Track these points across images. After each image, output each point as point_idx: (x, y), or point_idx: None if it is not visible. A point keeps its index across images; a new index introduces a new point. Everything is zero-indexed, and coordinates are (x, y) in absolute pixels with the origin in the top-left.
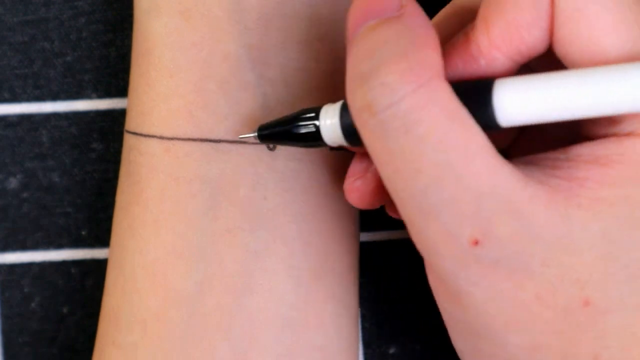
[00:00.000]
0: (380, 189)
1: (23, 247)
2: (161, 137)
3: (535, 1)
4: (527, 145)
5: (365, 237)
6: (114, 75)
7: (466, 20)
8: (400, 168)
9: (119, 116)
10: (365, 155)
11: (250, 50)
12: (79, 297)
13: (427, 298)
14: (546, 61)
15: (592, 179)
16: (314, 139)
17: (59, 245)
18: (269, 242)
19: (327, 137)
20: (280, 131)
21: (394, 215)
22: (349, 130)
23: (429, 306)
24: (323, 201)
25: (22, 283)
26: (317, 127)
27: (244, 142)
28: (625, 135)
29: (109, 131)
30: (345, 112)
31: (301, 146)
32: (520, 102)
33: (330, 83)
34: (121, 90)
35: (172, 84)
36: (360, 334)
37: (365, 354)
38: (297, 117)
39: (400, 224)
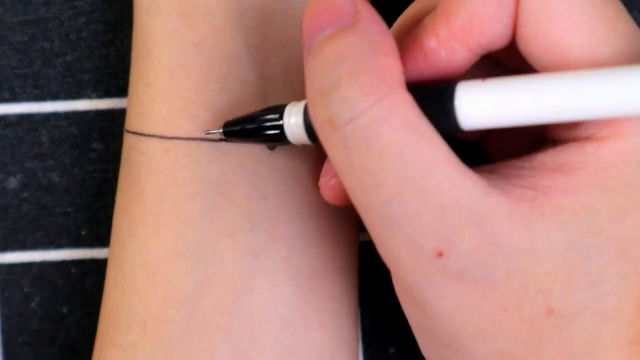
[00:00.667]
0: None
1: (23, 247)
2: (161, 137)
3: None
4: (496, 141)
5: (365, 237)
6: (114, 75)
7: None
8: (363, 182)
9: (119, 116)
10: None
11: (250, 50)
12: (79, 297)
13: None
14: (510, 51)
15: (556, 188)
16: (278, 137)
17: (59, 245)
18: (269, 242)
19: (291, 135)
20: (245, 129)
21: None
22: (313, 130)
23: None
24: (323, 201)
25: (22, 283)
26: (281, 127)
27: (245, 142)
28: (585, 139)
29: (109, 131)
30: (308, 112)
31: (266, 143)
32: (481, 107)
33: None
34: (121, 90)
35: (172, 84)
36: (360, 334)
37: (365, 354)
38: (262, 115)
39: None
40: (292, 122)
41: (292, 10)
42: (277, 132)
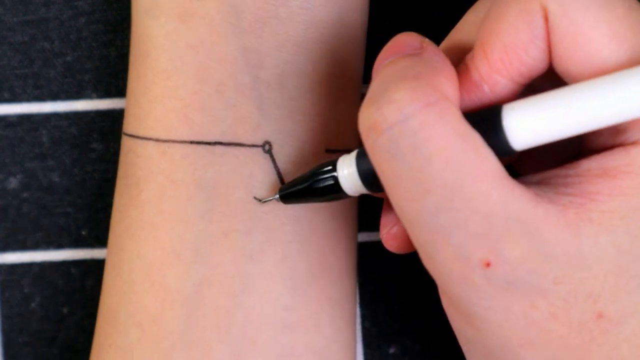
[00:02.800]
0: None
1: (23, 247)
2: (157, 140)
3: (529, 22)
4: (532, 162)
5: (365, 237)
6: (114, 75)
7: (463, 54)
8: (409, 189)
9: (119, 116)
10: None
11: (246, 53)
12: (79, 297)
13: (426, 298)
14: (549, 80)
15: (602, 192)
16: (335, 191)
17: (59, 245)
18: (265, 244)
19: (346, 187)
20: (300, 189)
21: None
22: (368, 177)
23: (428, 306)
24: (319, 203)
25: (22, 283)
26: (336, 179)
27: (240, 145)
28: (631, 144)
29: (109, 131)
30: (361, 159)
31: (325, 201)
32: (531, 124)
33: (326, 86)
34: (121, 90)
35: (169, 86)
36: (360, 334)
37: (365, 354)
38: (315, 173)
39: None
40: (346, 173)
41: (289, 14)
42: (332, 186)
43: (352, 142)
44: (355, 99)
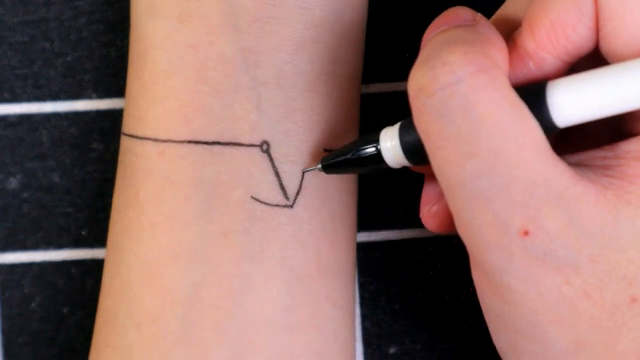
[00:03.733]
0: None
1: (23, 247)
2: (155, 140)
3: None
4: (567, 145)
5: (365, 237)
6: (114, 75)
7: (510, 30)
8: (454, 152)
9: (119, 116)
10: (434, 178)
11: (244, 52)
12: (79, 297)
13: (426, 298)
14: (591, 62)
15: None
16: (376, 162)
17: (59, 245)
18: (264, 244)
19: (389, 159)
20: (343, 160)
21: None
22: (410, 149)
23: (429, 306)
24: (318, 202)
25: (22, 283)
26: (379, 151)
27: (238, 145)
28: None
29: (109, 131)
30: (404, 132)
31: (366, 172)
32: (575, 101)
33: (325, 85)
34: (121, 90)
35: (167, 86)
36: (360, 334)
37: (365, 354)
38: (357, 144)
39: (400, 224)
40: (389, 145)
41: (287, 14)
42: (374, 157)
43: (351, 141)
44: (354, 99)
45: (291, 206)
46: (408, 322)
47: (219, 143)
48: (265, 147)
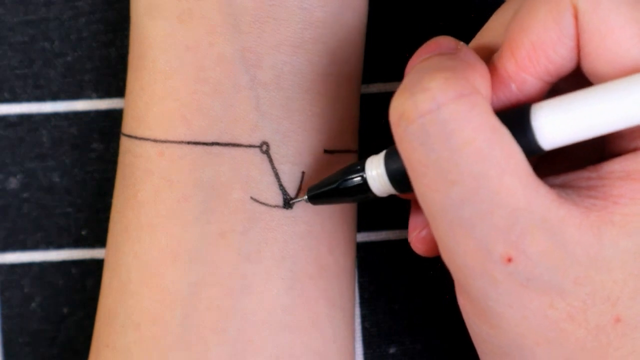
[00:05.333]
0: None
1: (23, 247)
2: (155, 140)
3: (558, 19)
4: (550, 166)
5: (365, 237)
6: (114, 75)
7: (489, 57)
8: (435, 179)
9: (119, 116)
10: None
11: (243, 53)
12: (79, 297)
13: (426, 298)
14: (572, 82)
15: (625, 195)
16: (362, 191)
17: (59, 245)
18: (263, 244)
19: (375, 187)
20: (329, 190)
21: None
22: (396, 177)
23: (428, 306)
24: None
25: (22, 283)
26: (364, 180)
27: (237, 145)
28: None
29: (109, 131)
30: (389, 160)
31: (353, 201)
32: (560, 123)
33: (324, 86)
34: (121, 90)
35: (166, 86)
36: (360, 334)
37: (365, 354)
38: (343, 174)
39: (400, 224)
40: (374, 173)
41: (287, 14)
42: (360, 186)
43: (351, 142)
44: (353, 99)
45: (291, 207)
46: (408, 322)
47: (218, 144)
48: (264, 148)
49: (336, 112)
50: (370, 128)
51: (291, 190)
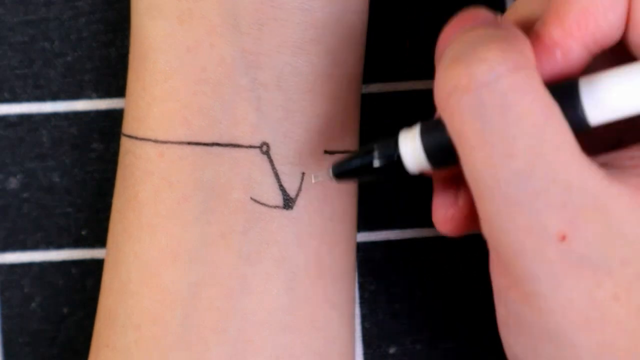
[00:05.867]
0: (475, 213)
1: (23, 247)
2: (155, 141)
3: None
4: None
5: (365, 237)
6: (114, 75)
7: (526, 31)
8: (491, 153)
9: (119, 116)
10: (448, 182)
11: (244, 54)
12: (79, 297)
13: (426, 298)
14: (607, 61)
15: None
16: (393, 167)
17: (59, 245)
18: (263, 245)
19: (409, 162)
20: (358, 167)
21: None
22: (433, 151)
23: (428, 306)
24: (316, 203)
25: (22, 283)
26: (398, 155)
27: (238, 146)
28: None
29: (109, 131)
30: (425, 134)
31: (379, 180)
32: (609, 98)
33: (325, 87)
34: (121, 90)
35: (167, 87)
36: (360, 334)
37: (365, 354)
38: (373, 148)
39: (400, 224)
40: (409, 148)
41: (287, 15)
42: (392, 162)
43: (352, 143)
44: (354, 100)
45: (291, 208)
46: (408, 322)
47: (218, 144)
48: (265, 149)
49: (337, 113)
50: (370, 128)
51: (291, 191)
